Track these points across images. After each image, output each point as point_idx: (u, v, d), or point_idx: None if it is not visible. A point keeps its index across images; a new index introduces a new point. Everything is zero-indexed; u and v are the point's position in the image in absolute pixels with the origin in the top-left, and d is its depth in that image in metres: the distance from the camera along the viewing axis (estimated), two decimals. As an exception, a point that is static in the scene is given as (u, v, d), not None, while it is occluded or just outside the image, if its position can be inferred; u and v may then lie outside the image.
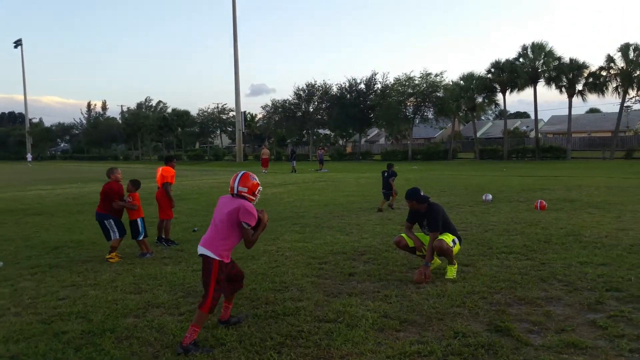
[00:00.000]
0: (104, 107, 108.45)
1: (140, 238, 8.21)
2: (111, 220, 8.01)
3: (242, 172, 4.84)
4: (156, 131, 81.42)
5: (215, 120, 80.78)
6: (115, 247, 8.05)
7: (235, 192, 4.73)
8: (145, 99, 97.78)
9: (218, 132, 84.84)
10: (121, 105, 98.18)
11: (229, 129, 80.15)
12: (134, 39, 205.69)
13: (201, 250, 4.65)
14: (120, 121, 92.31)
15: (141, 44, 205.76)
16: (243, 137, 66.15)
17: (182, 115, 79.45)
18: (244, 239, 4.65)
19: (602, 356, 4.01)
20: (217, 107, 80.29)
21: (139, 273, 7.06)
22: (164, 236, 9.17)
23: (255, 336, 4.58)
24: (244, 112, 64.95)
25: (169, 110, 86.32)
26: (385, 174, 13.74)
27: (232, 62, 59.18)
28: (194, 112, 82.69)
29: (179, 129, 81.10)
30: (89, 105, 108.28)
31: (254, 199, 4.78)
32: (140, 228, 8.19)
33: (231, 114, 75.95)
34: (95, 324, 5.03)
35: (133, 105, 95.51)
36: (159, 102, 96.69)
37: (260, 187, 4.85)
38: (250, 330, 4.74)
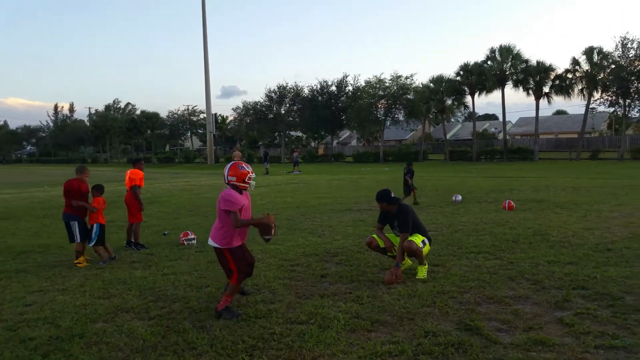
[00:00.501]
0: (72, 110, 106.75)
1: (91, 245, 7.91)
2: (76, 223, 7.82)
3: (231, 163, 5.33)
4: (125, 133, 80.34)
5: (185, 123, 79.98)
6: (80, 252, 7.86)
7: (226, 181, 5.24)
8: (114, 101, 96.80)
9: (188, 134, 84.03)
10: (89, 108, 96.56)
11: (200, 131, 79.53)
12: (102, 40, 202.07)
13: (210, 242, 5.27)
14: (88, 123, 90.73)
15: (110, 45, 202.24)
16: (214, 140, 65.60)
17: (151, 117, 78.52)
18: (232, 223, 5.08)
19: (568, 353, 4.10)
20: (188, 109, 79.54)
21: (108, 278, 6.93)
22: (133, 240, 9.02)
23: (226, 339, 4.55)
24: (215, 114, 64.34)
25: (138, 112, 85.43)
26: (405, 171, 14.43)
27: (202, 64, 58.76)
28: (163, 114, 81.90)
29: (149, 131, 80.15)
30: (55, 107, 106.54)
31: (246, 186, 5.24)
32: (92, 234, 7.91)
33: (202, 115, 75.37)
34: (64, 329, 4.93)
35: (101, 108, 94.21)
36: (128, 104, 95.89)
37: (250, 175, 5.26)
38: (221, 333, 4.71)
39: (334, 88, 59.12)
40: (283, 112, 63.14)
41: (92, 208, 7.88)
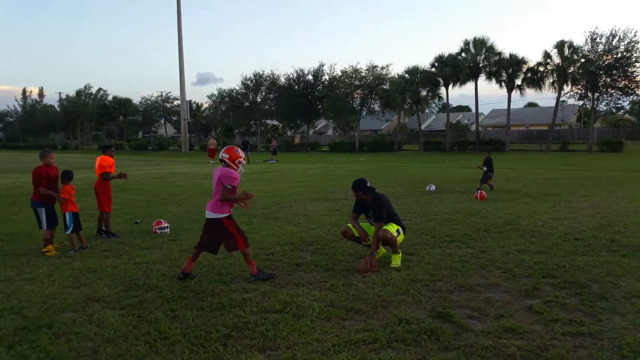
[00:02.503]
0: (41, 94, 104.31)
1: (67, 232, 7.80)
2: (43, 209, 7.65)
3: (227, 145, 6.28)
4: (96, 120, 78.91)
5: (159, 109, 78.80)
6: (48, 240, 7.67)
7: (220, 158, 6.00)
8: (85, 86, 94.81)
9: (162, 121, 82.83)
10: (59, 93, 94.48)
11: (174, 118, 78.42)
12: (72, 23, 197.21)
13: (208, 214, 5.99)
14: (58, 109, 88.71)
15: (81, 28, 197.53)
16: (188, 127, 64.79)
17: (123, 104, 77.11)
18: (220, 194, 5.83)
19: (538, 340, 4.18)
20: (161, 95, 78.37)
21: (78, 266, 6.81)
22: (104, 228, 8.88)
23: (200, 329, 4.52)
24: (190, 101, 63.47)
25: (110, 98, 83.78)
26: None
27: (177, 49, 57.84)
28: (136, 100, 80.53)
29: (121, 118, 78.73)
30: (24, 92, 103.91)
31: (235, 167, 5.99)
32: (67, 222, 7.79)
33: (176, 102, 74.32)
34: (31, 319, 4.82)
35: (72, 93, 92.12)
36: (99, 89, 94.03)
37: (241, 160, 6.06)
38: (195, 322, 4.67)
39: (310, 77, 58.85)
40: (259, 100, 62.61)
41: (60, 199, 7.73)
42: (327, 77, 57.95)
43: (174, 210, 11.97)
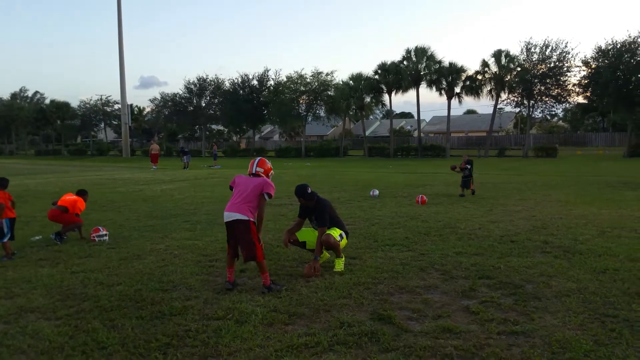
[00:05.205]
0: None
1: (5, 240, 7.52)
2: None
3: (259, 157, 6.22)
4: (32, 124, 75.71)
5: (98, 113, 76.36)
6: None
7: (254, 171, 6.03)
8: (20, 89, 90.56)
9: (102, 125, 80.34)
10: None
11: (115, 122, 76.17)
12: (6, 23, 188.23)
13: (234, 216, 5.75)
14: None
15: (16, 29, 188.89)
16: (130, 132, 63.09)
17: (61, 107, 74.33)
18: (259, 207, 5.88)
19: (474, 339, 4.34)
20: (101, 98, 75.96)
21: (12, 276, 6.52)
22: (60, 231, 8.74)
23: (139, 338, 4.43)
24: (131, 105, 61.84)
25: (47, 101, 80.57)
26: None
27: (117, 51, 56.28)
28: (75, 103, 77.70)
29: (58, 122, 75.87)
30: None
31: (268, 178, 6.03)
32: (5, 229, 7.52)
33: (116, 106, 72.19)
34: (-42, 334, 4.59)
35: (6, 96, 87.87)
36: (36, 92, 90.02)
37: (272, 172, 6.19)
38: (134, 332, 4.57)
39: (255, 82, 58.50)
40: (203, 104, 61.67)
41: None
42: (272, 82, 57.81)
43: (114, 217, 11.63)
